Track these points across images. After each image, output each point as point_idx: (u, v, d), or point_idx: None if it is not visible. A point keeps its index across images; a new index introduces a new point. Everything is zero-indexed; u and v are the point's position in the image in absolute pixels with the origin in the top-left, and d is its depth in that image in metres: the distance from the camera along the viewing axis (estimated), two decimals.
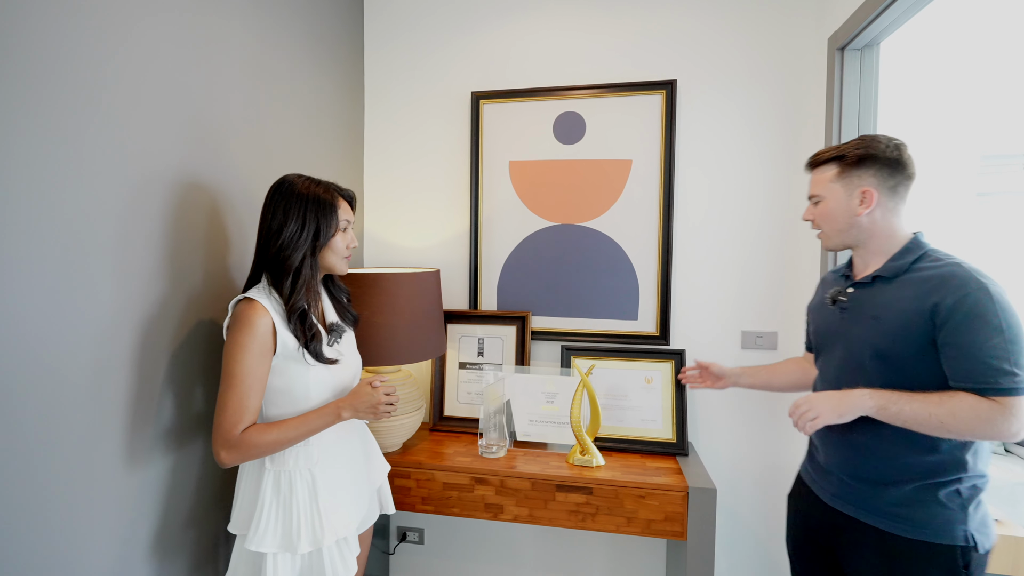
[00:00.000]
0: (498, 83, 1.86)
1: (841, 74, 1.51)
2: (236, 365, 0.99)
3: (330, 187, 1.12)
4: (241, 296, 1.05)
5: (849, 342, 1.06)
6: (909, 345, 0.96)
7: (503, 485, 1.49)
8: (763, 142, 1.70)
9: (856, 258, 1.11)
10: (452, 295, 1.93)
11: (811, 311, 1.25)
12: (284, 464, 1.06)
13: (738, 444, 1.75)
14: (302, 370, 1.07)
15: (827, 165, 1.08)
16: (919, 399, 0.92)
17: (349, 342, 1.23)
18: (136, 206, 1.01)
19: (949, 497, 0.95)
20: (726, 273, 1.74)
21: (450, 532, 1.95)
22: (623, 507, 1.43)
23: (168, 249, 1.10)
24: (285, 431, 1.03)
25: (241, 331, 1.00)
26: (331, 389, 1.13)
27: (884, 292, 1.02)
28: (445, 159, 1.92)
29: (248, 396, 1.00)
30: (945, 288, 0.92)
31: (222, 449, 0.99)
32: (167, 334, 1.10)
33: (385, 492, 1.34)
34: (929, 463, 0.96)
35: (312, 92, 1.65)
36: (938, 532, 0.94)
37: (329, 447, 1.12)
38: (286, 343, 1.04)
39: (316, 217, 1.07)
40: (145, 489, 1.06)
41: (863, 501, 1.03)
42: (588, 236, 1.81)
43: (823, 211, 1.09)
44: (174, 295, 1.12)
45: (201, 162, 1.18)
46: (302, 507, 1.05)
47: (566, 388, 1.67)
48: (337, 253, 1.13)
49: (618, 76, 1.78)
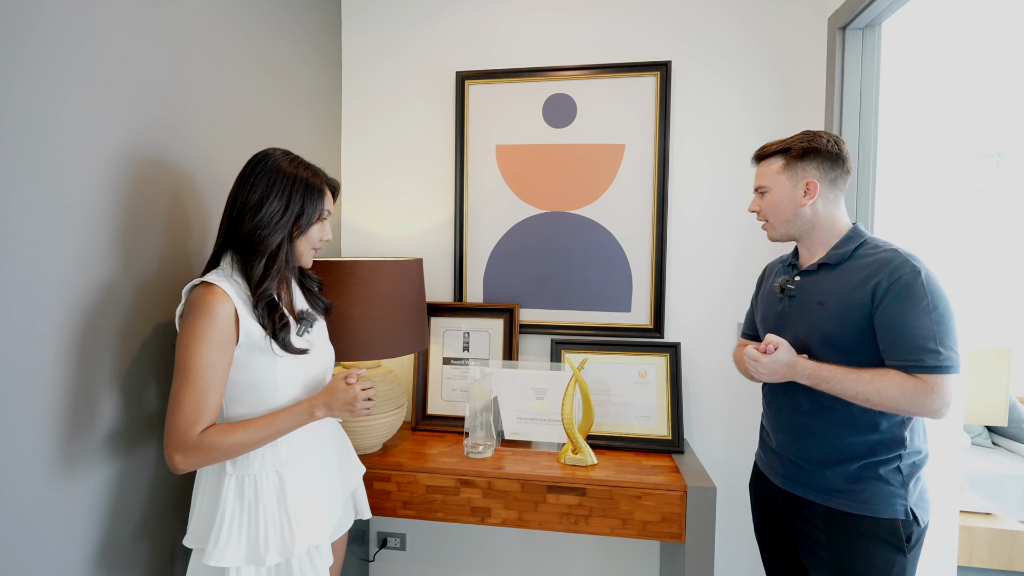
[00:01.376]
0: (485, 62, 1.76)
1: (843, 55, 1.45)
2: (193, 358, 0.88)
3: (318, 172, 1.04)
4: (197, 280, 0.94)
5: (797, 328, 1.11)
6: (852, 328, 1.01)
7: (490, 487, 1.39)
8: (761, 126, 1.64)
9: (801, 248, 1.16)
10: (436, 287, 1.83)
11: (758, 300, 1.29)
12: (248, 467, 0.96)
13: (734, 440, 1.69)
14: (268, 362, 0.96)
15: (773, 158, 1.13)
16: (851, 378, 0.98)
17: (321, 332, 1.13)
18: (77, 179, 0.89)
19: (890, 474, 1.01)
20: (722, 263, 1.68)
21: (433, 537, 1.85)
22: (618, 508, 1.35)
23: (117, 229, 0.98)
24: (251, 432, 0.92)
25: (198, 319, 0.89)
26: (301, 384, 1.02)
27: (829, 279, 1.07)
28: (428, 143, 1.82)
29: (207, 392, 0.89)
30: (882, 272, 0.98)
31: (176, 453, 0.88)
32: (114, 324, 0.98)
33: (360, 496, 1.24)
34: (870, 442, 1.02)
35: (284, 68, 1.53)
36: (881, 507, 1.00)
37: (299, 447, 1.02)
38: (250, 332, 0.94)
39: (302, 199, 0.98)
40: (85, 499, 0.93)
41: (811, 481, 1.08)
42: (579, 224, 1.73)
43: (769, 202, 1.13)
44: (124, 281, 1.00)
45: (157, 136, 1.07)
46: (269, 514, 0.94)
47: (557, 383, 1.58)
48: (310, 242, 1.03)
49: (611, 56, 1.70)
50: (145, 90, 1.04)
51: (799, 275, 1.14)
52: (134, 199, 1.01)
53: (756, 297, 1.32)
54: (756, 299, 1.31)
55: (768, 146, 1.14)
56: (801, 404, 1.09)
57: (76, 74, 0.89)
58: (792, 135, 1.13)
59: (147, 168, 1.04)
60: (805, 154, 1.08)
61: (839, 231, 1.10)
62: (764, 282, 1.30)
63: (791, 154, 1.09)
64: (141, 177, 1.03)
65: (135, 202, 1.01)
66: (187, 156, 1.15)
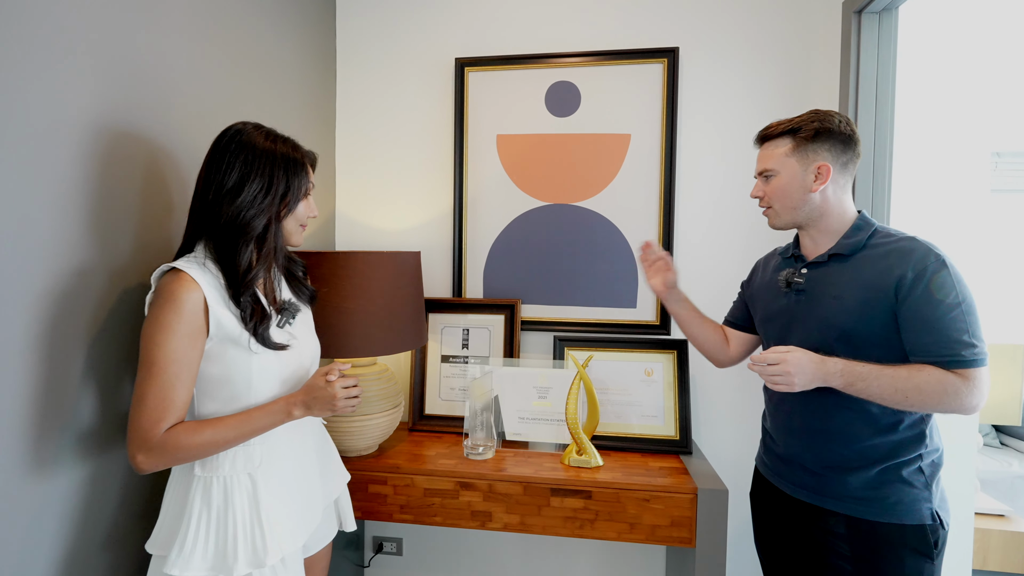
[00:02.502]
0: (485, 49, 1.70)
1: (858, 40, 1.40)
2: (157, 349, 0.81)
3: (297, 145, 0.96)
4: (167, 266, 0.87)
5: (808, 324, 1.03)
6: (874, 322, 0.95)
7: (491, 490, 1.33)
8: (771, 114, 1.58)
9: (804, 238, 1.09)
10: (434, 282, 1.76)
11: (752, 296, 1.22)
12: (218, 469, 0.88)
13: (743, 441, 1.63)
14: (243, 356, 0.89)
15: (780, 139, 1.04)
16: (887, 374, 0.91)
17: (305, 323, 1.05)
18: (45, 152, 0.82)
19: (913, 476, 0.95)
20: (732, 256, 1.62)
21: (431, 541, 1.78)
22: (625, 512, 1.29)
23: (90, 209, 0.91)
24: (222, 430, 0.85)
25: (164, 308, 0.82)
26: (280, 379, 0.95)
27: (843, 271, 1.00)
28: (426, 132, 1.75)
29: (173, 387, 0.82)
30: (906, 262, 0.92)
31: (139, 452, 0.82)
32: (86, 313, 0.91)
33: (345, 504, 1.15)
34: (891, 443, 0.96)
35: (274, 49, 1.46)
36: (907, 513, 0.94)
37: (274, 448, 0.94)
38: (221, 323, 0.86)
39: (286, 175, 0.91)
40: (52, 502, 0.86)
41: (829, 489, 1.00)
42: (583, 217, 1.67)
43: (776, 187, 1.05)
44: (97, 266, 0.92)
45: (135, 112, 1.00)
46: (239, 519, 0.87)
47: (560, 382, 1.52)
48: (298, 220, 0.97)
49: (616, 43, 1.64)
50: (122, 60, 0.97)
51: (806, 267, 1.06)
52: (109, 176, 0.94)
53: (747, 293, 1.25)
54: (748, 295, 1.25)
55: (774, 126, 1.05)
56: (813, 404, 1.01)
57: (43, 39, 0.82)
58: (799, 115, 1.04)
59: (123, 144, 0.97)
60: (817, 135, 1.00)
61: (848, 219, 1.03)
62: (756, 276, 1.23)
63: (801, 135, 1.01)
64: (117, 153, 0.95)
65: (110, 180, 0.94)
66: (166, 129, 1.08)
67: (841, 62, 1.46)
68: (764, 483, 1.16)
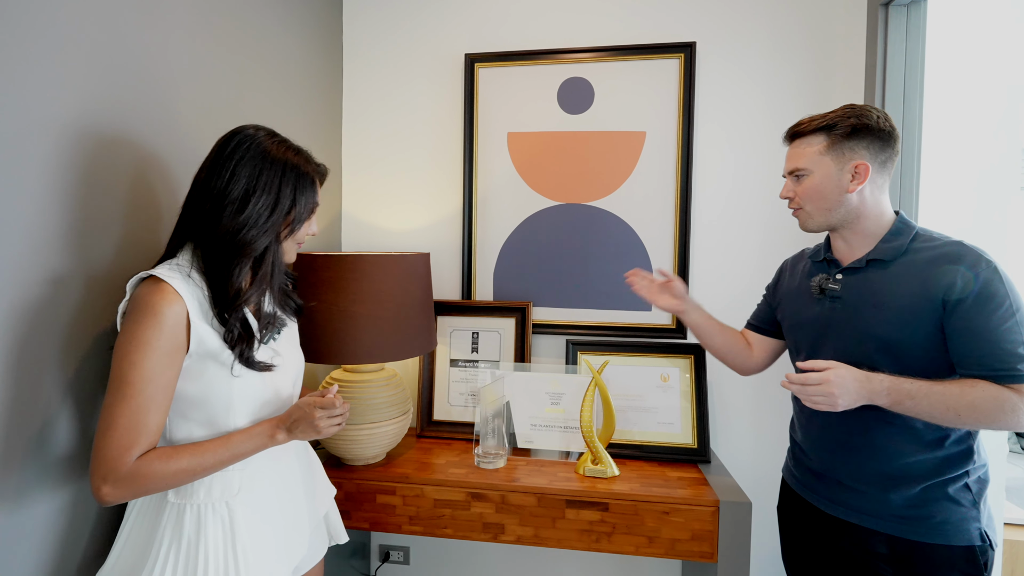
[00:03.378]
0: (496, 44, 1.65)
1: (885, 33, 1.34)
2: (132, 368, 0.74)
3: (308, 156, 0.90)
4: (145, 273, 0.79)
5: (845, 335, 0.97)
6: (919, 333, 0.89)
7: (504, 501, 1.28)
8: (792, 111, 1.53)
9: (838, 241, 1.02)
10: (443, 284, 1.72)
11: (779, 302, 1.16)
12: (192, 496, 0.81)
13: (763, 450, 1.58)
14: (223, 376, 0.82)
15: (813, 136, 0.98)
16: (937, 392, 0.84)
17: (289, 337, 0.98)
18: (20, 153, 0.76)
19: (960, 493, 0.89)
20: (750, 258, 1.57)
21: (439, 550, 1.74)
22: (643, 525, 1.24)
23: (70, 213, 0.83)
24: (199, 457, 0.78)
25: (141, 322, 0.75)
26: (261, 400, 0.88)
27: (883, 277, 0.94)
28: (435, 130, 1.70)
29: (147, 411, 0.75)
30: (954, 269, 0.86)
31: (104, 482, 0.73)
32: (62, 327, 0.83)
33: (334, 518, 1.10)
34: (936, 460, 0.90)
35: (279, 46, 1.42)
36: (954, 533, 0.88)
37: (256, 473, 0.87)
38: (203, 339, 0.79)
39: (293, 191, 0.84)
40: (21, 535, 0.78)
41: (868, 506, 0.95)
42: (596, 217, 1.62)
43: (809, 187, 0.98)
44: (76, 275, 0.85)
45: (128, 108, 0.94)
46: (211, 554, 0.79)
47: (573, 388, 1.47)
48: (296, 239, 0.90)
49: (631, 38, 1.58)
50: (116, 56, 0.91)
51: (841, 273, 1.00)
52: (94, 179, 0.87)
53: (773, 297, 1.19)
54: (774, 299, 1.18)
55: (805, 122, 0.99)
56: (851, 418, 0.95)
57: (26, 32, 0.77)
58: (832, 110, 0.98)
59: (112, 144, 0.90)
60: (854, 132, 0.94)
61: (886, 221, 0.97)
62: (783, 279, 1.17)
63: (837, 131, 0.95)
64: (103, 154, 0.89)
65: (95, 182, 0.87)
66: (162, 136, 1.02)
67: (867, 56, 1.41)
68: (794, 497, 1.11)
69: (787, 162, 1.03)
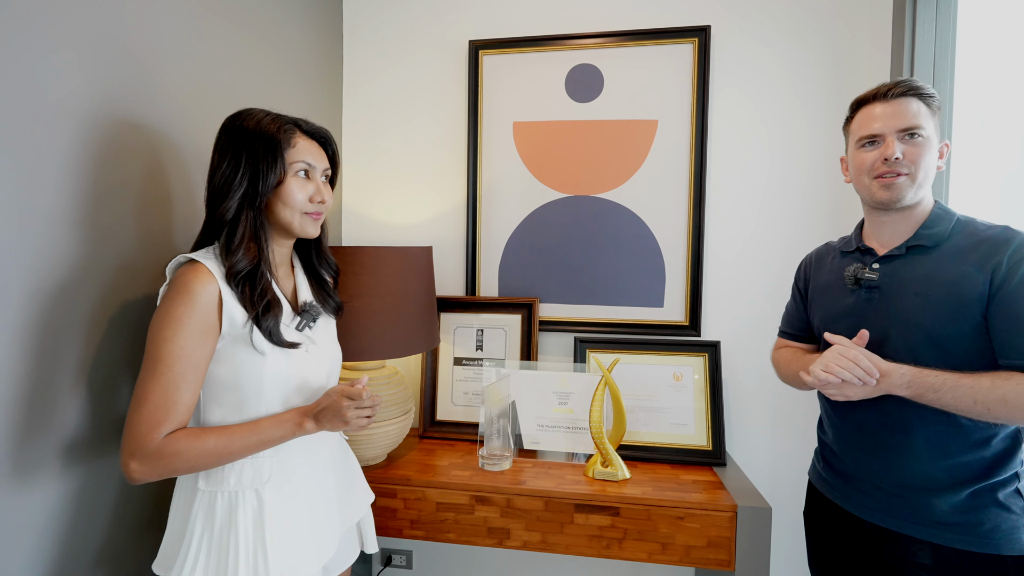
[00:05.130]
0: (501, 31, 1.59)
1: (913, 19, 1.27)
2: (163, 344, 0.74)
3: (286, 120, 0.86)
4: (183, 257, 0.81)
5: (886, 326, 0.91)
6: (966, 323, 0.83)
7: (510, 505, 1.23)
8: (812, 100, 1.46)
9: (878, 227, 0.95)
10: (446, 279, 1.66)
11: (810, 296, 1.08)
12: (223, 483, 0.81)
13: (781, 452, 1.51)
14: (254, 358, 0.81)
15: (918, 100, 0.89)
16: (965, 385, 0.79)
17: (327, 331, 0.97)
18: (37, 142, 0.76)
19: (1010, 499, 0.83)
20: (768, 251, 1.50)
21: (443, 555, 1.68)
22: (656, 531, 1.18)
23: (85, 200, 0.84)
24: (227, 439, 0.78)
25: (175, 300, 0.76)
26: (295, 386, 0.86)
27: (925, 264, 0.88)
28: (438, 120, 1.65)
29: (177, 387, 0.75)
30: (1001, 251, 0.82)
31: (132, 458, 0.74)
32: (82, 311, 0.84)
33: (367, 526, 1.06)
34: (983, 460, 0.84)
35: (278, 32, 1.37)
36: (1005, 542, 0.82)
37: (286, 463, 0.86)
38: (234, 320, 0.79)
39: (255, 156, 0.81)
40: (37, 515, 0.79)
41: (911, 512, 0.88)
42: (606, 210, 1.55)
43: (923, 151, 0.88)
44: (95, 261, 0.86)
45: (124, 95, 0.92)
46: (241, 540, 0.79)
47: (582, 387, 1.41)
48: (292, 206, 0.85)
49: (642, 22, 1.52)
50: (111, 41, 0.88)
51: (878, 262, 0.94)
52: (106, 166, 0.87)
53: (805, 292, 1.11)
54: (806, 294, 1.11)
55: (912, 83, 0.89)
56: (890, 415, 0.90)
57: (27, 20, 0.74)
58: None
59: (121, 133, 0.90)
60: (940, 111, 0.91)
61: (926, 209, 0.93)
62: (808, 275, 1.10)
63: (937, 104, 0.90)
64: (114, 143, 0.89)
65: (106, 171, 0.87)
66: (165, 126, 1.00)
67: (892, 42, 1.33)
68: (823, 502, 1.04)
69: (893, 119, 0.88)
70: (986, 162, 1.28)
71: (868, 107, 0.93)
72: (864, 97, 0.95)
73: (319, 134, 0.90)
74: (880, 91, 0.92)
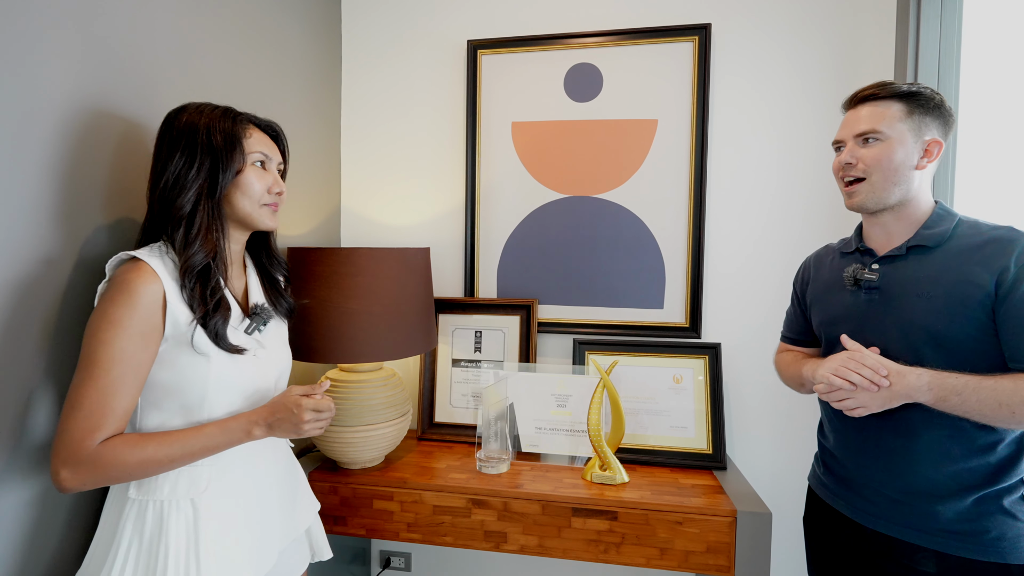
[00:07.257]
0: (499, 30, 1.58)
1: (918, 15, 1.25)
2: (101, 347, 0.70)
3: (237, 111, 0.85)
4: (125, 254, 0.77)
5: (887, 328, 0.90)
6: (970, 324, 0.82)
7: (507, 508, 1.22)
8: (814, 99, 1.44)
9: (875, 228, 0.95)
10: (444, 281, 1.65)
11: (809, 298, 1.07)
12: (155, 492, 0.77)
13: (782, 456, 1.49)
14: (198, 362, 0.78)
15: (891, 101, 0.90)
16: (987, 387, 0.78)
17: (278, 334, 0.95)
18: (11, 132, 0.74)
19: (1016, 506, 0.82)
20: (770, 253, 1.48)
21: (441, 557, 1.68)
22: (655, 536, 1.17)
23: (59, 192, 0.81)
24: (167, 446, 0.74)
25: (115, 301, 0.72)
26: (240, 392, 0.83)
27: (927, 265, 0.87)
28: (436, 120, 1.64)
29: (115, 392, 0.71)
30: (1007, 253, 0.81)
31: (64, 465, 0.69)
32: (47, 309, 0.81)
33: (317, 533, 1.04)
34: (989, 466, 0.83)
35: (275, 34, 1.36)
36: (1011, 550, 0.80)
37: (226, 471, 0.82)
38: (178, 321, 0.76)
39: (212, 147, 0.79)
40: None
41: (914, 520, 0.87)
42: (605, 210, 1.54)
43: (880, 154, 0.89)
44: (64, 256, 0.83)
45: (111, 92, 0.91)
46: (172, 551, 0.75)
47: (580, 389, 1.40)
48: (251, 196, 0.84)
49: (641, 20, 1.51)
50: (101, 37, 0.87)
51: (877, 262, 0.93)
52: (79, 160, 0.85)
53: (804, 294, 1.10)
54: (805, 297, 1.10)
55: (877, 87, 0.91)
56: (893, 419, 0.88)
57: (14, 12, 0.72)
58: (905, 82, 0.92)
59: (97, 126, 0.88)
60: (935, 108, 0.88)
61: (926, 209, 0.91)
62: (807, 277, 1.09)
63: (920, 102, 0.88)
64: (89, 135, 0.87)
65: (82, 163, 0.85)
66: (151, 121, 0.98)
67: (896, 39, 1.31)
68: (823, 508, 1.02)
69: (852, 125, 0.92)
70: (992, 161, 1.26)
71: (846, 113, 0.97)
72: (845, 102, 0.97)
73: (272, 128, 0.90)
74: (852, 96, 0.94)
